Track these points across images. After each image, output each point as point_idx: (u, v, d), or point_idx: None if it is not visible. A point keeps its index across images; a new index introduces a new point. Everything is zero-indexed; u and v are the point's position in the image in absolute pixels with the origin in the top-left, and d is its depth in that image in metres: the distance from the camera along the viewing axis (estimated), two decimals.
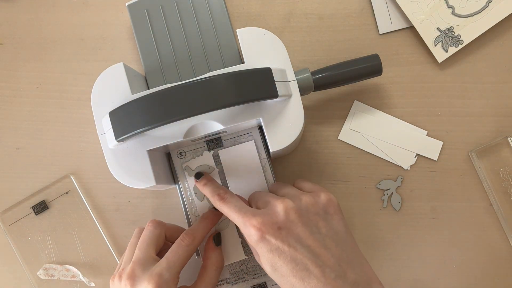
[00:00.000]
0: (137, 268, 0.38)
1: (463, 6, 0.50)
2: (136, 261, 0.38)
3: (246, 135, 0.46)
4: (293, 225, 0.36)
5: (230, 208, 0.38)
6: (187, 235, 0.40)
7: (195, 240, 0.40)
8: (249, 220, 0.36)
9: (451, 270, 0.49)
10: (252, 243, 0.36)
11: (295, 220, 0.36)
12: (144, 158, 0.41)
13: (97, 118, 0.42)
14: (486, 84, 0.50)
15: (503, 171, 0.49)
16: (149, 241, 0.40)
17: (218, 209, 0.40)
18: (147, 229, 0.41)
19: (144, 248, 0.39)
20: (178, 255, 0.39)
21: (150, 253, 0.39)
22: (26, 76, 0.53)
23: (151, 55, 0.49)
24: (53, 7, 0.53)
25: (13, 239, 0.51)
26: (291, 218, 0.36)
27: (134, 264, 0.38)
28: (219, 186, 0.42)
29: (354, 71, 0.46)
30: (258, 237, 0.35)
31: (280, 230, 0.35)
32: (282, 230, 0.35)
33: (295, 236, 0.35)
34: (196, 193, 0.45)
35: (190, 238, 0.40)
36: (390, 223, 0.50)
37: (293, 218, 0.36)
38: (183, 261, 0.39)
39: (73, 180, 0.51)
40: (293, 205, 0.36)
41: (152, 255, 0.39)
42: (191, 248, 0.40)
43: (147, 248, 0.39)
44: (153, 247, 0.40)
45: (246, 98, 0.38)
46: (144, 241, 0.40)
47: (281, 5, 0.52)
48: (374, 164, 0.50)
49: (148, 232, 0.40)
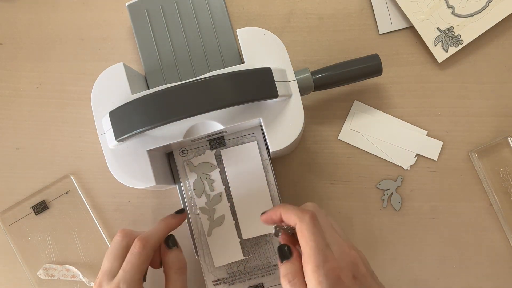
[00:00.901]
0: (104, 279, 0.38)
1: (463, 6, 0.50)
2: (103, 272, 0.39)
3: (249, 136, 0.46)
4: (363, 278, 0.35)
5: (315, 234, 0.35)
6: (138, 241, 0.39)
7: (146, 245, 0.39)
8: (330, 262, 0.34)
9: (451, 270, 0.49)
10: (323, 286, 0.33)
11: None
12: (144, 158, 0.41)
13: (97, 118, 0.42)
14: (486, 84, 0.50)
15: (503, 171, 0.49)
16: (115, 252, 0.39)
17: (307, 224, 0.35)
18: (114, 240, 0.40)
19: (110, 259, 0.39)
20: (132, 264, 0.38)
21: (116, 264, 0.39)
22: (26, 76, 0.53)
23: (151, 55, 0.49)
24: (53, 7, 0.53)
25: (13, 239, 0.51)
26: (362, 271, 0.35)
27: (102, 275, 0.39)
28: None
29: (354, 71, 0.46)
30: (333, 282, 0.33)
31: (355, 280, 0.34)
32: (357, 280, 0.34)
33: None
34: (195, 189, 0.45)
35: (141, 244, 0.39)
36: (390, 223, 0.50)
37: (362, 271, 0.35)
38: (138, 268, 0.38)
39: (73, 180, 0.51)
40: (359, 257, 0.36)
41: (118, 266, 0.39)
42: (144, 254, 0.39)
43: (113, 260, 0.39)
44: (119, 258, 0.39)
45: (246, 98, 0.38)
46: (111, 253, 0.39)
47: (281, 5, 0.52)
48: (374, 164, 0.50)
49: (115, 244, 0.40)
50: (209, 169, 0.46)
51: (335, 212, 0.50)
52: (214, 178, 0.46)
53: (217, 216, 0.45)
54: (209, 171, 0.46)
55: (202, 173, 0.46)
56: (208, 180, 0.46)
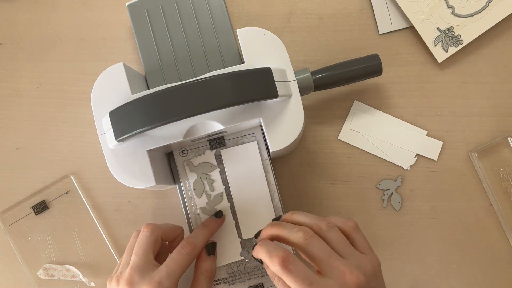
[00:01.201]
0: (135, 274, 0.37)
1: (463, 6, 0.50)
2: (133, 266, 0.38)
3: (249, 136, 0.46)
4: None
5: (297, 279, 0.33)
6: (188, 243, 0.39)
7: (195, 248, 0.40)
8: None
9: (451, 270, 0.49)
10: None
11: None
12: (144, 158, 0.41)
13: (97, 118, 0.42)
14: (486, 84, 0.50)
15: (503, 171, 0.49)
16: (145, 246, 0.39)
17: (280, 276, 0.34)
18: (142, 234, 0.40)
19: (141, 254, 0.39)
20: (178, 263, 0.38)
21: (148, 259, 0.39)
22: (26, 76, 0.53)
23: (151, 55, 0.49)
24: (53, 7, 0.53)
25: (13, 239, 0.51)
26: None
27: (132, 270, 0.38)
28: (277, 247, 0.36)
29: (354, 71, 0.46)
30: None
31: None
32: None
33: None
34: (195, 189, 0.45)
35: (191, 246, 0.39)
36: (390, 223, 0.50)
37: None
38: (183, 269, 0.39)
39: (73, 180, 0.51)
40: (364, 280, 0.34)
41: (150, 260, 0.39)
42: (192, 256, 0.39)
43: (144, 254, 0.39)
44: (150, 252, 0.39)
45: (246, 98, 0.38)
46: (140, 247, 0.39)
47: (281, 5, 0.52)
48: (374, 164, 0.50)
49: (143, 238, 0.40)
50: (209, 169, 0.46)
51: (335, 212, 0.50)
52: (214, 178, 0.46)
53: None
54: (209, 171, 0.46)
55: (202, 173, 0.46)
56: (208, 180, 0.46)
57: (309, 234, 0.35)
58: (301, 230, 0.36)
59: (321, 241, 0.36)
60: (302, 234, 0.35)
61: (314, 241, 0.35)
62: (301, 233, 0.35)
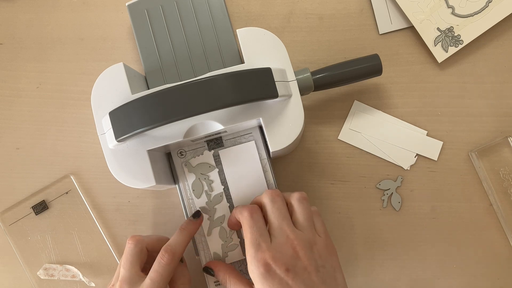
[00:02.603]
0: (124, 286, 0.39)
1: (463, 6, 0.50)
2: (122, 280, 0.39)
3: (247, 135, 0.46)
4: (301, 272, 0.35)
5: (251, 226, 0.37)
6: (166, 252, 0.40)
7: (175, 256, 0.40)
8: (261, 252, 0.36)
9: (451, 270, 0.49)
10: (255, 276, 0.36)
11: (304, 266, 0.36)
12: (144, 158, 0.41)
13: (97, 118, 0.42)
14: (486, 84, 0.50)
15: (503, 171, 0.49)
16: (131, 258, 0.40)
17: (239, 218, 0.39)
18: (127, 247, 0.41)
19: (128, 266, 0.40)
20: (161, 274, 0.39)
21: (135, 271, 0.40)
22: (26, 76, 0.53)
23: (151, 55, 0.49)
24: (53, 7, 0.53)
25: (13, 239, 0.51)
26: (300, 264, 0.36)
27: (121, 283, 0.39)
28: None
29: (354, 71, 0.46)
30: (263, 272, 0.35)
31: (288, 272, 0.35)
32: (290, 273, 0.35)
33: (301, 280, 0.35)
34: (194, 190, 0.45)
35: (170, 255, 0.40)
36: (390, 223, 0.50)
37: (302, 264, 0.36)
38: (166, 278, 0.39)
39: (73, 180, 0.51)
40: (305, 247, 0.36)
41: (137, 272, 0.40)
42: (173, 265, 0.40)
43: (131, 266, 0.40)
44: (136, 264, 0.40)
45: (246, 98, 0.38)
46: (126, 259, 0.40)
47: (281, 5, 0.52)
48: (374, 164, 0.50)
49: (128, 250, 0.40)
50: (207, 170, 0.46)
51: (335, 212, 0.50)
52: (213, 178, 0.46)
53: (217, 216, 0.45)
54: (207, 171, 0.46)
55: (201, 174, 0.46)
56: (207, 180, 0.46)
57: (276, 193, 0.39)
58: (269, 192, 0.39)
59: (283, 204, 0.39)
60: (270, 192, 0.39)
61: (279, 201, 0.39)
62: (270, 192, 0.39)
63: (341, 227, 0.50)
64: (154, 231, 0.51)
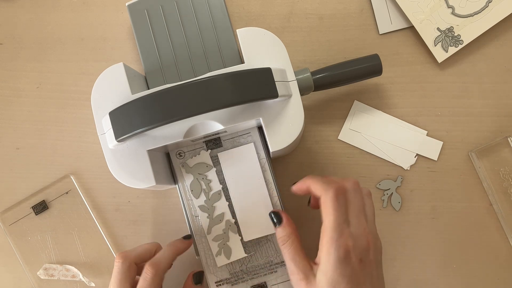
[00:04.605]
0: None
1: (463, 6, 0.50)
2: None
3: (246, 136, 0.46)
4: (368, 264, 0.37)
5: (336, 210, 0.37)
6: (150, 265, 0.40)
7: (159, 269, 0.40)
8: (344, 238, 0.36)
9: (451, 270, 0.49)
10: (331, 258, 0.36)
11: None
12: (144, 158, 0.41)
13: (97, 118, 0.42)
14: (486, 84, 0.50)
15: (503, 171, 0.49)
16: (119, 276, 0.40)
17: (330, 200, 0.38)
18: (115, 266, 0.41)
19: (117, 285, 0.40)
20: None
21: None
22: (26, 76, 0.53)
23: (151, 55, 0.49)
24: (53, 7, 0.53)
25: (13, 239, 0.51)
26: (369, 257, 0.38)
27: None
28: None
29: (354, 71, 0.46)
30: (342, 256, 0.36)
31: (361, 263, 0.37)
32: (361, 264, 0.37)
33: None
34: (192, 190, 0.45)
35: (154, 268, 0.40)
36: (390, 223, 0.50)
37: (369, 258, 0.38)
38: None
39: (73, 180, 0.51)
40: (374, 242, 0.38)
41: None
42: (157, 280, 0.40)
43: (120, 285, 0.40)
44: (126, 281, 0.40)
45: (246, 98, 0.38)
46: (115, 278, 0.40)
47: (281, 5, 0.52)
48: (374, 164, 0.50)
49: (116, 269, 0.41)
50: (205, 170, 0.46)
51: None
52: (211, 178, 0.46)
53: (216, 214, 0.45)
54: (205, 171, 0.46)
55: (199, 174, 0.46)
56: (205, 180, 0.46)
57: (357, 184, 0.39)
58: (352, 181, 0.39)
59: (362, 196, 0.39)
60: (353, 182, 0.39)
61: (360, 193, 0.38)
62: (352, 181, 0.39)
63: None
64: (154, 231, 0.51)
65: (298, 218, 0.50)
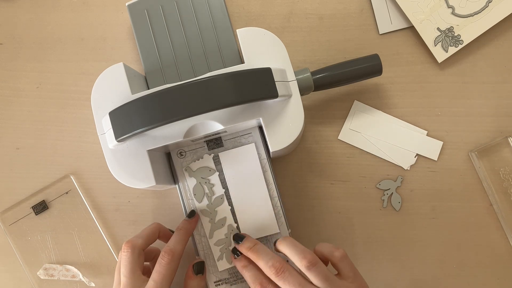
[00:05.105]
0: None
1: (463, 6, 0.50)
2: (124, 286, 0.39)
3: (247, 136, 0.46)
4: None
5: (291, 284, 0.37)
6: (166, 252, 0.40)
7: (175, 255, 0.40)
8: None
9: (451, 270, 0.49)
10: None
11: None
12: (144, 158, 0.41)
13: (97, 118, 0.42)
14: (486, 84, 0.50)
15: (503, 171, 0.49)
16: (130, 265, 0.40)
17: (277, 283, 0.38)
18: (124, 256, 0.41)
19: (128, 273, 0.40)
20: (163, 274, 0.39)
21: (136, 276, 0.40)
22: (26, 76, 0.53)
23: (151, 55, 0.49)
24: (53, 7, 0.53)
25: (13, 239, 0.51)
26: None
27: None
28: (270, 255, 0.40)
29: (354, 71, 0.46)
30: None
31: None
32: None
33: None
34: (195, 194, 0.45)
35: (170, 254, 0.40)
36: (390, 223, 0.50)
37: None
38: (168, 278, 0.40)
39: (73, 180, 0.51)
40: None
41: (139, 277, 0.40)
42: (174, 264, 0.40)
43: (131, 272, 0.40)
44: (137, 269, 0.40)
45: (246, 98, 0.38)
46: (126, 267, 0.40)
47: (281, 5, 0.52)
48: (374, 164, 0.50)
49: (126, 257, 0.40)
50: (208, 174, 0.46)
51: (335, 212, 0.50)
52: (214, 182, 0.45)
53: (218, 219, 0.45)
54: (208, 175, 0.46)
55: (201, 178, 0.46)
56: (207, 184, 0.45)
57: (281, 270, 0.37)
58: (274, 267, 0.37)
59: (293, 275, 0.37)
60: (274, 271, 0.37)
61: (286, 276, 0.37)
62: (273, 270, 0.37)
63: (341, 227, 0.50)
64: None
65: (298, 218, 0.50)
